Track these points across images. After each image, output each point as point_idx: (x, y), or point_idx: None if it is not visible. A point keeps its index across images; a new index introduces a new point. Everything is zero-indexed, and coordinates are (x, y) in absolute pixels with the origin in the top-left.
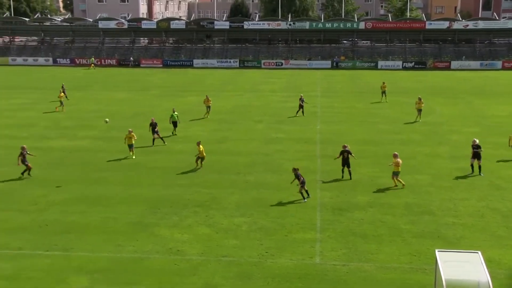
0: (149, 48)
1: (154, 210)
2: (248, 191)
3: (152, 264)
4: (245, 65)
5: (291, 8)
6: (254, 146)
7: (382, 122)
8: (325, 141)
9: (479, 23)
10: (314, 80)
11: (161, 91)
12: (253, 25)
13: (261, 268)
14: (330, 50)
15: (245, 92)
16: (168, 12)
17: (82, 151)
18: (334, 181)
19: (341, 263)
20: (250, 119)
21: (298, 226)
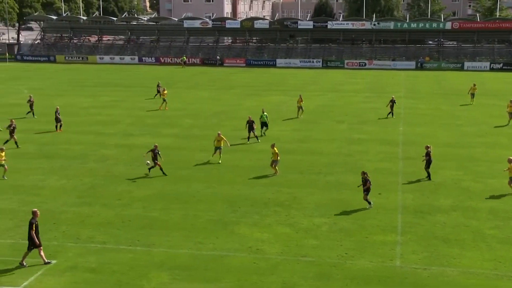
0: (232, 47)
1: (235, 209)
2: (328, 191)
3: (231, 262)
4: (328, 65)
5: (376, 8)
6: (336, 146)
7: (467, 125)
8: (407, 143)
9: None
10: (398, 81)
11: (243, 90)
12: (337, 25)
13: (340, 269)
14: (415, 51)
15: (328, 92)
16: (252, 11)
17: (164, 149)
18: (416, 183)
19: (422, 267)
20: (332, 119)
21: (378, 228)
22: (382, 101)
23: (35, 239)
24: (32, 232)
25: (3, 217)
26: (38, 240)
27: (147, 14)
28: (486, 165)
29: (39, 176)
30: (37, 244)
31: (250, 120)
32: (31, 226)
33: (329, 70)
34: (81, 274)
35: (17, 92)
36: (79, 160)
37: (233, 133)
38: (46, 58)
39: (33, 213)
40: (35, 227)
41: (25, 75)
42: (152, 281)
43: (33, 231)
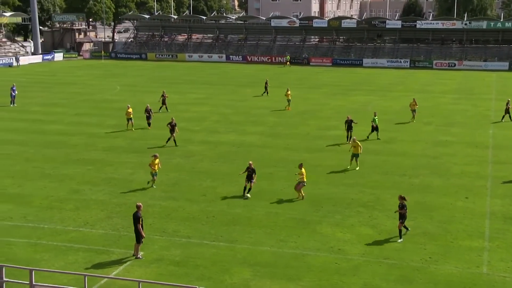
0: (319, 46)
1: (317, 208)
2: (412, 193)
3: (312, 261)
4: (416, 65)
5: (468, 7)
6: (421, 148)
7: None
8: (498, 146)
9: None
10: (489, 82)
11: (330, 89)
12: (426, 24)
13: (423, 273)
14: (508, 51)
15: (415, 93)
16: (339, 11)
17: (250, 146)
18: (506, 188)
19: (511, 276)
20: (419, 120)
21: (464, 233)
22: (471, 103)
23: (141, 232)
24: (139, 226)
25: (96, 208)
26: (143, 234)
27: (235, 13)
28: None
29: (129, 170)
30: (142, 237)
31: (349, 119)
32: (137, 220)
33: (417, 71)
34: (166, 266)
35: (112, 88)
36: (165, 156)
37: (317, 132)
38: (138, 56)
39: (137, 207)
40: (141, 220)
41: (119, 72)
42: (234, 277)
43: (140, 224)
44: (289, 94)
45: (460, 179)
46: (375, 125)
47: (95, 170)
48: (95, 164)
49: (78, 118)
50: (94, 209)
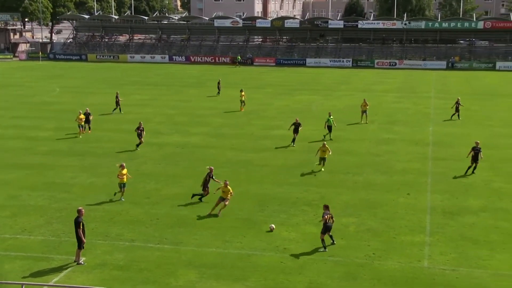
0: (262, 46)
1: (262, 208)
2: (356, 191)
3: (258, 261)
4: (358, 64)
5: (407, 7)
6: (365, 146)
7: (498, 125)
8: (437, 143)
9: None
10: (429, 81)
11: (274, 89)
12: (367, 24)
13: (367, 270)
14: (446, 51)
15: (358, 92)
16: (282, 11)
17: (194, 147)
18: (446, 184)
19: (451, 268)
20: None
21: (406, 228)
22: (412, 101)
23: (82, 238)
24: (80, 231)
25: (34, 214)
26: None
27: (178, 13)
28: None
29: (70, 173)
30: (83, 242)
31: (297, 122)
32: (78, 225)
33: (359, 70)
34: (109, 271)
35: (51, 90)
36: (109, 158)
37: (262, 132)
38: (78, 57)
39: (78, 212)
40: (82, 225)
41: (58, 74)
42: (180, 279)
43: (81, 229)
44: (243, 95)
45: (402, 176)
46: (330, 125)
47: (34, 175)
48: (35, 169)
49: (15, 121)
50: (33, 215)
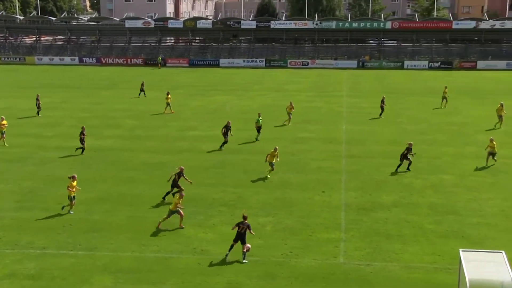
0: (175, 47)
1: None
2: (273, 190)
3: (176, 263)
4: (271, 64)
5: (318, 8)
6: (280, 145)
7: (408, 123)
8: (350, 141)
9: (506, 23)
10: (340, 80)
11: (188, 90)
12: (279, 24)
13: (285, 268)
14: (356, 50)
15: (271, 92)
16: (195, 11)
17: (107, 150)
18: (359, 181)
19: (365, 263)
20: (276, 119)
21: (322, 225)
22: (325, 100)
23: None
24: None
25: None
26: None
27: (87, 14)
28: (426, 162)
29: None
30: None
31: (229, 125)
32: None
33: (273, 70)
34: (20, 281)
35: None
36: (18, 164)
37: (177, 133)
38: None
39: None
40: None
41: None
42: (94, 285)
43: None
44: (169, 97)
45: (317, 174)
46: (259, 126)
47: None
48: None
49: None
50: None
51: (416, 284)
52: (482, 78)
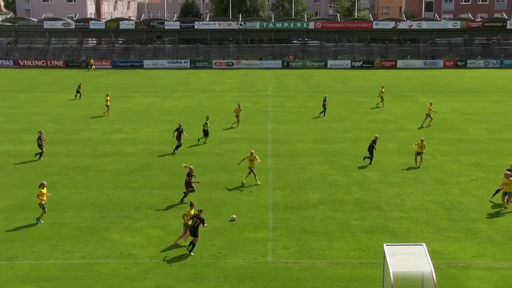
0: (97, 49)
1: (104, 214)
2: (200, 191)
3: (102, 269)
4: (196, 65)
5: (242, 8)
6: (207, 146)
7: (332, 121)
8: (276, 140)
9: (422, 23)
10: (265, 80)
11: (112, 92)
12: (204, 25)
13: (213, 269)
14: (281, 50)
15: (197, 93)
16: (117, 12)
17: (28, 155)
18: (286, 179)
19: (293, 261)
20: (202, 120)
21: (250, 225)
22: (250, 100)
23: None
24: None
25: None
26: None
27: (2, 14)
28: (350, 159)
29: None
30: None
31: (181, 128)
32: None
33: (198, 71)
34: None
35: None
36: None
37: (101, 136)
38: None
39: None
40: None
41: None
42: None
43: None
44: (109, 99)
45: (245, 174)
46: (206, 129)
47: None
48: None
49: None
50: None
51: (343, 279)
52: (401, 76)
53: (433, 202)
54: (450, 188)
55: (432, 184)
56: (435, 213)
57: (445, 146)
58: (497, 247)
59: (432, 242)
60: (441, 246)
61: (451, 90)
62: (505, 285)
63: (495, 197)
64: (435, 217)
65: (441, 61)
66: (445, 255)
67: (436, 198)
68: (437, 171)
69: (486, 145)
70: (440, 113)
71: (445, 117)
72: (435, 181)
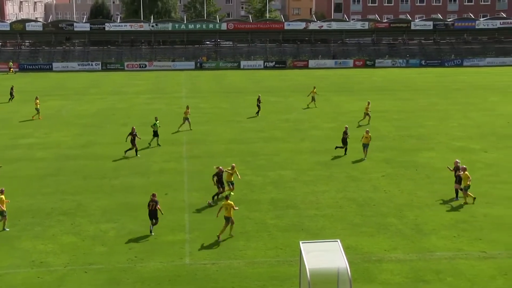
0: (3, 51)
1: (14, 222)
2: (114, 195)
3: (13, 279)
4: (108, 67)
5: (153, 10)
6: (120, 149)
7: (246, 121)
8: (191, 141)
9: (332, 24)
10: (179, 81)
11: (20, 96)
12: (114, 26)
13: (130, 273)
14: (194, 51)
15: (109, 95)
16: (22, 13)
17: None
18: (202, 181)
19: (211, 262)
20: (115, 122)
21: (167, 228)
22: (164, 102)
23: None
24: None
25: None
26: None
27: None
28: (265, 159)
29: None
30: None
31: (134, 132)
32: None
33: (109, 73)
34: None
35: None
36: None
37: (9, 142)
38: None
39: None
40: None
41: None
42: None
43: None
44: (38, 102)
45: (160, 177)
46: (155, 130)
47: None
48: None
49: None
50: None
51: (260, 278)
52: (313, 76)
53: (346, 199)
54: (362, 184)
55: (345, 181)
56: (349, 209)
57: (357, 143)
58: (406, 240)
59: (346, 238)
60: (355, 242)
61: (361, 89)
62: (414, 276)
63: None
64: (349, 213)
65: (351, 61)
66: (359, 250)
67: (349, 195)
68: (350, 169)
69: (395, 142)
70: (352, 112)
71: (356, 115)
72: (348, 178)
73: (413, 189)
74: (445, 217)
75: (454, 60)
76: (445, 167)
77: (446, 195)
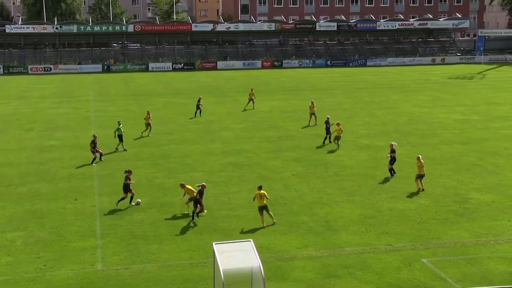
0: None
1: None
2: (21, 203)
3: None
4: (10, 71)
5: (57, 11)
6: (26, 155)
7: (156, 124)
8: (101, 146)
9: (239, 25)
10: (86, 85)
11: None
12: (16, 28)
13: (39, 283)
14: (100, 54)
15: (12, 100)
16: None
17: None
18: (112, 185)
19: (124, 267)
20: (20, 128)
21: (77, 234)
22: (71, 106)
23: None
24: None
25: None
26: None
27: None
28: (176, 161)
29: None
30: None
31: (95, 139)
32: None
33: (12, 77)
34: None
35: None
36: None
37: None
38: None
39: None
40: None
41: None
42: None
43: None
44: None
45: (69, 182)
46: (120, 134)
47: None
48: None
49: None
50: None
51: (175, 281)
52: (222, 77)
53: None
54: (273, 184)
55: (256, 181)
56: None
57: (267, 143)
58: (317, 237)
59: (259, 237)
60: (267, 241)
61: (270, 89)
62: (326, 271)
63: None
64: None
65: (259, 62)
66: (271, 249)
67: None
68: (261, 168)
69: (304, 141)
70: (261, 112)
71: (266, 116)
72: (259, 178)
73: (322, 186)
74: (354, 213)
75: (358, 60)
76: (352, 164)
77: (354, 192)
